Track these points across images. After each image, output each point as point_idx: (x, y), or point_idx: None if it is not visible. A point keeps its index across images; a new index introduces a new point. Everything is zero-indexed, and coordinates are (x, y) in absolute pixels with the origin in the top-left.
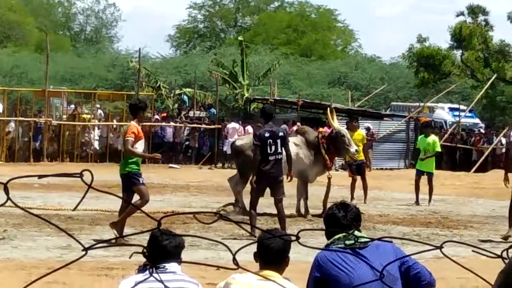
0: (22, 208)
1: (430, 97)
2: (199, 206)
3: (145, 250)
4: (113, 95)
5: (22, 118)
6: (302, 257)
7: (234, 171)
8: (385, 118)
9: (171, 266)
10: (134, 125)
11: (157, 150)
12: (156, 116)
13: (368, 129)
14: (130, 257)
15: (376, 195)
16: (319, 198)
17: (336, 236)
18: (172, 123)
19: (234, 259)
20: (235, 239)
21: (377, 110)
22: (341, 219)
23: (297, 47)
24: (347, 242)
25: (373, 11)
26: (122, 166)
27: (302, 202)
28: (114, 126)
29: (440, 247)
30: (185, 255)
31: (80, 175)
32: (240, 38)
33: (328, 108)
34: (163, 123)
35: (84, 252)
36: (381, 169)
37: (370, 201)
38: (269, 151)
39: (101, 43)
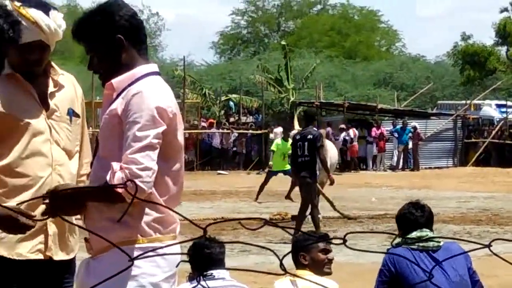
0: None
1: (476, 95)
2: (249, 211)
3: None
4: None
5: None
6: (353, 259)
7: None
8: (432, 117)
9: (219, 272)
10: None
11: (205, 157)
12: (203, 124)
13: (414, 128)
14: (176, 266)
15: (425, 194)
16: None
17: (409, 236)
18: (217, 130)
19: (281, 264)
20: (285, 243)
21: (424, 109)
22: (419, 219)
23: (341, 49)
24: (422, 244)
25: (416, 10)
26: None
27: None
28: None
29: (489, 246)
30: (236, 261)
31: None
32: (283, 42)
33: (297, 115)
34: (212, 130)
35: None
36: (430, 168)
37: (420, 200)
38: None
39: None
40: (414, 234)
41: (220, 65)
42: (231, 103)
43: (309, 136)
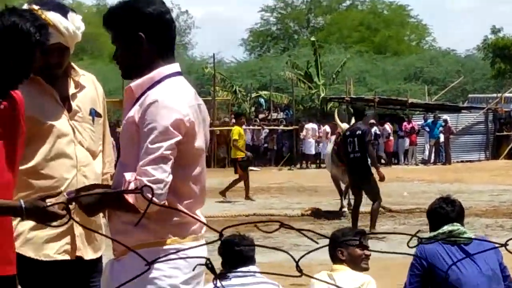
0: None
1: (507, 88)
2: (280, 207)
3: (208, 262)
4: None
5: None
6: (383, 254)
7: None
8: (463, 111)
9: (250, 269)
10: None
11: None
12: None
13: (445, 121)
14: (193, 270)
15: (457, 188)
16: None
17: (441, 230)
18: (248, 126)
19: (297, 266)
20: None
21: (455, 103)
22: (449, 213)
23: (371, 44)
24: (453, 239)
25: (445, 4)
26: None
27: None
28: None
29: (505, 244)
30: (267, 257)
31: None
32: (312, 38)
33: (336, 110)
34: (243, 127)
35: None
36: (461, 161)
37: (452, 194)
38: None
39: (176, 50)
40: (446, 228)
41: (250, 62)
42: (262, 100)
43: (358, 132)
